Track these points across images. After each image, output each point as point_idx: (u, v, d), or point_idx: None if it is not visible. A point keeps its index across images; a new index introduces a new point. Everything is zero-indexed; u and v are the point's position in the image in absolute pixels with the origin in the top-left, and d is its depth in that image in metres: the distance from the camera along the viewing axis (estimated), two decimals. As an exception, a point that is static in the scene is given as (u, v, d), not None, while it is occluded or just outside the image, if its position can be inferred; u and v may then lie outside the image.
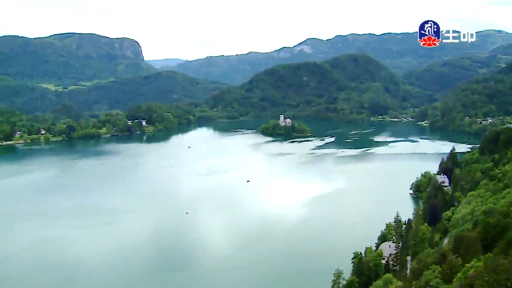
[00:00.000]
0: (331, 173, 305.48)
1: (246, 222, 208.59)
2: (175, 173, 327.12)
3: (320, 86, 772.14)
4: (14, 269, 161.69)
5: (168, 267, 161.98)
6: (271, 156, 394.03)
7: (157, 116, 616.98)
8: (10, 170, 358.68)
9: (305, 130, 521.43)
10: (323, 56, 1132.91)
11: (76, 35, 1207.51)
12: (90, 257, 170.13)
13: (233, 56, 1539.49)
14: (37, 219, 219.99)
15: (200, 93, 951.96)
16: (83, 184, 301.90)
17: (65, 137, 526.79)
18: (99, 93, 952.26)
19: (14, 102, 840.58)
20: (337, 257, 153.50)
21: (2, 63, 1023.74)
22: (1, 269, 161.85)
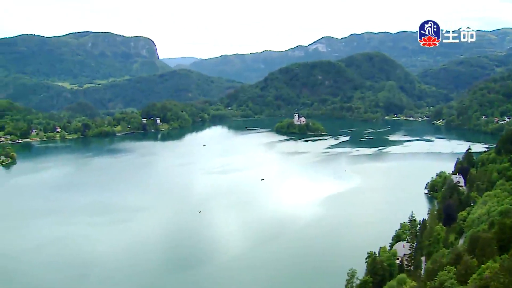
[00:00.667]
0: (345, 172, 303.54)
1: (259, 220, 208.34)
2: (189, 171, 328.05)
3: (334, 85, 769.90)
4: (29, 266, 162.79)
5: (181, 265, 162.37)
6: (286, 154, 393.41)
7: (171, 114, 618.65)
8: (26, 167, 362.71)
9: (320, 129, 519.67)
10: (338, 55, 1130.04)
11: (92, 34, 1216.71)
12: (104, 255, 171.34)
13: (248, 54, 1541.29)
14: (52, 216, 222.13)
15: (214, 91, 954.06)
16: (97, 182, 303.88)
17: (80, 135, 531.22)
18: (114, 91, 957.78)
19: (30, 100, 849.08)
20: (351, 256, 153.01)
21: (19, 62, 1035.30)
22: (16, 265, 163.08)
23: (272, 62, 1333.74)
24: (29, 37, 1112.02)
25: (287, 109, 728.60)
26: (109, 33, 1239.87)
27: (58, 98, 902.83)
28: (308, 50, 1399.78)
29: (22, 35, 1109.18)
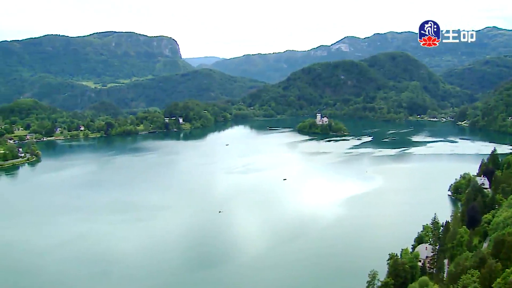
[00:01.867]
0: (366, 173, 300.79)
1: (281, 220, 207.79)
2: (211, 171, 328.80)
3: (357, 85, 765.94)
4: (53, 262, 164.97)
5: (202, 264, 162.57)
6: (308, 154, 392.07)
7: (194, 113, 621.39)
8: (50, 165, 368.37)
9: (342, 129, 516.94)
10: (361, 55, 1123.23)
11: (115, 33, 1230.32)
12: (126, 252, 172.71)
13: (270, 54, 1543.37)
14: (76, 213, 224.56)
15: (237, 91, 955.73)
16: (120, 180, 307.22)
17: (103, 134, 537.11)
18: (137, 90, 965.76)
19: (55, 99, 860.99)
20: (372, 257, 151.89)
21: (44, 62, 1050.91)
22: (39, 261, 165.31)
23: (295, 62, 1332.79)
24: (54, 37, 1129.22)
25: (309, 109, 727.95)
26: (132, 33, 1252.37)
27: (82, 97, 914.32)
28: (331, 50, 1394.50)
29: (48, 35, 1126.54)
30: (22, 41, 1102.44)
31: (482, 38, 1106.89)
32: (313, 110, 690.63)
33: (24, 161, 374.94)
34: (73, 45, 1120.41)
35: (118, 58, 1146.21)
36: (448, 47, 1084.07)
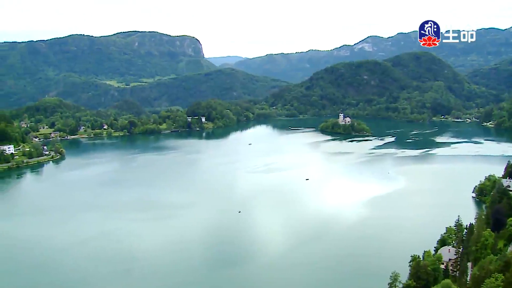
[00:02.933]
0: (388, 174, 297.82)
1: (303, 220, 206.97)
2: (233, 170, 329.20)
3: (380, 84, 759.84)
4: (74, 259, 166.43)
5: (223, 262, 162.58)
6: (330, 155, 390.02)
7: (216, 113, 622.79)
8: (74, 163, 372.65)
9: (365, 129, 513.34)
10: (384, 54, 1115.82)
11: (139, 33, 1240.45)
12: (147, 250, 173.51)
13: (293, 53, 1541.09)
14: (98, 211, 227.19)
15: (259, 90, 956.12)
16: (142, 179, 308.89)
17: (126, 132, 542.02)
18: (160, 89, 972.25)
19: (79, 98, 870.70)
20: (394, 259, 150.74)
21: (69, 61, 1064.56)
22: (62, 258, 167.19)
23: (318, 61, 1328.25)
24: (79, 37, 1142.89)
25: (332, 109, 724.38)
26: (155, 33, 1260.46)
27: (105, 96, 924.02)
28: (354, 49, 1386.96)
29: (73, 35, 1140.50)
30: (47, 41, 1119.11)
31: (509, 37, 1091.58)
32: (336, 110, 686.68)
33: (48, 159, 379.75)
34: (97, 45, 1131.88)
35: (141, 57, 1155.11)
36: (473, 47, 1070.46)
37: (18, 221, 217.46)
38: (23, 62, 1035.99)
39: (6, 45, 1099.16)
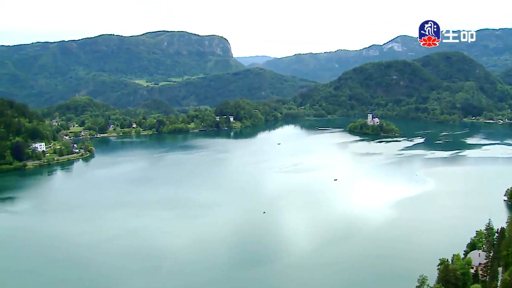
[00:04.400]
0: (416, 176, 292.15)
1: (330, 220, 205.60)
2: (261, 170, 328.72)
3: (410, 85, 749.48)
4: (102, 256, 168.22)
5: (250, 261, 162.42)
6: (358, 155, 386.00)
7: (244, 112, 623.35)
8: (103, 161, 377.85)
9: (394, 130, 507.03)
10: (414, 54, 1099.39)
11: (168, 33, 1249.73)
12: (174, 248, 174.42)
13: (321, 53, 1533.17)
14: (127, 208, 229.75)
15: (288, 90, 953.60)
16: (170, 177, 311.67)
17: (155, 131, 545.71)
18: (188, 89, 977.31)
19: (109, 97, 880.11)
20: (422, 262, 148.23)
21: (99, 61, 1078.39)
22: (90, 255, 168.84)
23: (346, 61, 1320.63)
24: (109, 37, 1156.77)
25: (360, 109, 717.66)
26: (184, 32, 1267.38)
27: (134, 95, 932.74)
28: (383, 49, 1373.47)
29: (103, 35, 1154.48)
30: (78, 41, 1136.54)
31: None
32: (364, 111, 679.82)
33: (78, 157, 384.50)
34: (126, 44, 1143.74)
35: (170, 57, 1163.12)
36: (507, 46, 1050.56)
37: (48, 218, 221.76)
38: (54, 62, 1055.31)
39: (38, 45, 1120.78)
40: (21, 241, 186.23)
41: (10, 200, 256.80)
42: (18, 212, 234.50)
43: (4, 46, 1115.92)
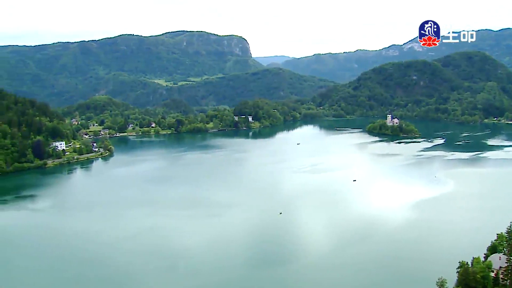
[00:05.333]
0: (434, 178, 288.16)
1: (349, 221, 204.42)
2: (279, 170, 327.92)
3: (430, 85, 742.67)
4: (121, 254, 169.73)
5: (267, 261, 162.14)
6: (377, 156, 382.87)
7: (263, 112, 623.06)
8: (122, 160, 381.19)
9: (413, 131, 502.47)
10: (434, 54, 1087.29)
11: (187, 33, 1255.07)
12: (191, 247, 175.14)
13: (340, 53, 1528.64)
14: (145, 207, 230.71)
15: (306, 90, 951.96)
16: (188, 177, 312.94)
17: (174, 131, 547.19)
18: (207, 88, 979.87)
19: (128, 96, 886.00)
20: (441, 264, 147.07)
21: (119, 60, 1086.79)
22: (109, 252, 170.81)
23: (366, 61, 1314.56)
24: (128, 37, 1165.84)
25: (379, 110, 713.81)
26: (203, 32, 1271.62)
27: (153, 94, 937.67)
28: (403, 49, 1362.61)
29: (123, 35, 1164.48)
30: (98, 41, 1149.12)
31: None
32: (384, 111, 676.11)
33: (97, 156, 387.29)
34: (146, 44, 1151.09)
35: (189, 57, 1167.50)
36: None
37: (68, 216, 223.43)
38: (75, 62, 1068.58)
39: (59, 45, 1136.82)
40: (41, 239, 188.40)
41: (31, 198, 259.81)
42: (39, 209, 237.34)
43: (26, 47, 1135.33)
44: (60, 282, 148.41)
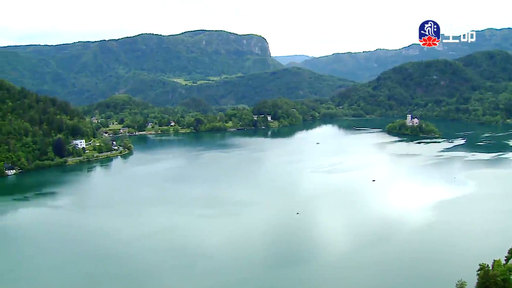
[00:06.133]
0: (454, 179, 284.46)
1: (367, 222, 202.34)
2: (298, 169, 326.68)
3: (451, 85, 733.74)
4: (139, 252, 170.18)
5: (285, 261, 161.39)
6: (397, 156, 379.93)
7: (282, 112, 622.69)
8: (142, 158, 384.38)
9: (433, 131, 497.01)
10: (455, 53, 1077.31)
11: (206, 32, 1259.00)
12: (210, 246, 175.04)
13: (360, 53, 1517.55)
14: (164, 206, 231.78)
15: (326, 90, 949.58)
16: (208, 175, 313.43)
17: (193, 130, 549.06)
18: (226, 88, 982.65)
19: (147, 95, 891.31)
20: (461, 266, 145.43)
21: (138, 59, 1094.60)
22: (127, 250, 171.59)
23: (385, 61, 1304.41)
24: (148, 36, 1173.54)
25: (399, 110, 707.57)
26: (222, 32, 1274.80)
27: (173, 93, 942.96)
28: (423, 48, 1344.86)
29: (142, 34, 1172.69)
30: (118, 40, 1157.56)
31: None
32: (403, 111, 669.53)
33: (117, 154, 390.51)
34: (165, 43, 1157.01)
35: (208, 56, 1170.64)
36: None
37: (87, 213, 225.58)
38: (95, 61, 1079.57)
39: (80, 44, 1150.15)
40: (61, 236, 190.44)
41: (51, 195, 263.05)
42: (59, 207, 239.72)
43: (48, 46, 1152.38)
44: (78, 279, 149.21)
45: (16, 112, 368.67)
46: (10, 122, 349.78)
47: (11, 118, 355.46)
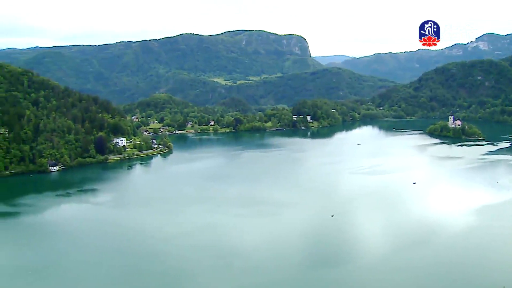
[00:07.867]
0: (497, 183, 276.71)
1: (407, 224, 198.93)
2: (337, 170, 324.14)
3: (496, 86, 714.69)
4: (177, 250, 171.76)
5: (322, 262, 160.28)
6: (438, 159, 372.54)
7: (322, 112, 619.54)
8: (181, 157, 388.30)
9: (477, 134, 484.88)
10: (502, 53, 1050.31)
11: (246, 32, 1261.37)
12: (248, 246, 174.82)
13: (401, 53, 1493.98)
14: (203, 204, 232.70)
15: (366, 90, 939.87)
16: (246, 175, 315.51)
17: (232, 129, 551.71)
18: (266, 88, 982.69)
19: (187, 94, 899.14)
20: (503, 273, 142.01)
21: (179, 59, 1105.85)
22: (166, 248, 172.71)
23: (427, 61, 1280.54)
24: (189, 35, 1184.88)
25: (441, 111, 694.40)
26: (262, 31, 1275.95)
27: (213, 93, 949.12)
28: (467, 48, 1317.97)
29: (183, 34, 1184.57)
30: (159, 40, 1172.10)
31: None
32: (445, 112, 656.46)
33: (157, 152, 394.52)
34: (205, 43, 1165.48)
35: (248, 56, 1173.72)
36: None
37: (127, 210, 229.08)
38: (136, 60, 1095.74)
39: (122, 44, 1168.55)
40: (100, 232, 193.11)
41: (92, 192, 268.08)
42: (99, 203, 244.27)
43: (90, 46, 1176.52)
44: (115, 275, 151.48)
45: (60, 110, 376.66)
46: (54, 120, 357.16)
47: (55, 116, 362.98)
